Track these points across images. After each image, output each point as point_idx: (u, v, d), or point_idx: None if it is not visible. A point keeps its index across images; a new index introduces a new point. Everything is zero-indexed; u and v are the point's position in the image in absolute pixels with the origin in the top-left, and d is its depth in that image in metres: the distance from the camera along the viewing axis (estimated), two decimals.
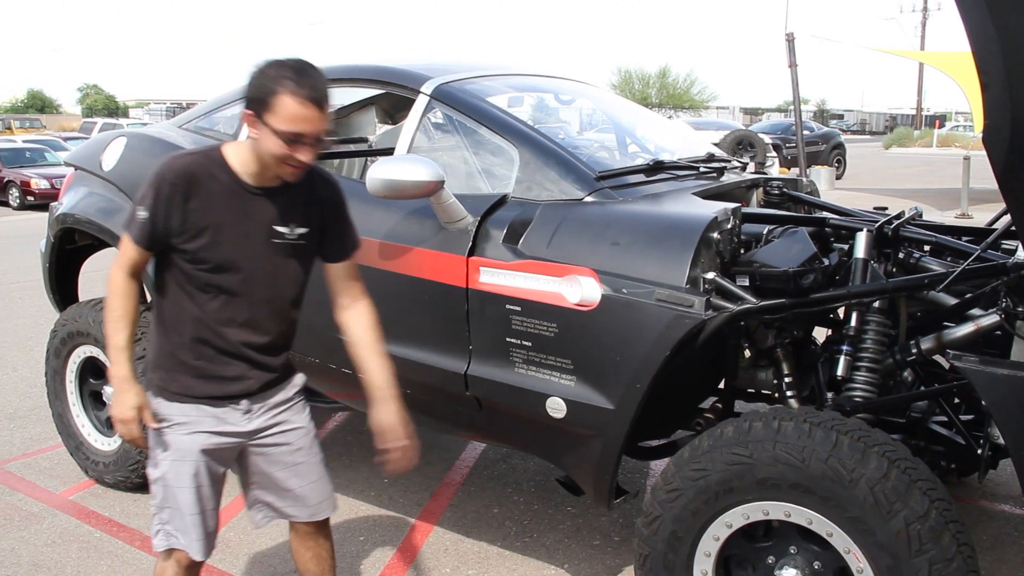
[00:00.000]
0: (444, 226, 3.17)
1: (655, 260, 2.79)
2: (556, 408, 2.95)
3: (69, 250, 4.90)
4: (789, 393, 3.10)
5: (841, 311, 3.15)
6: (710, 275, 2.76)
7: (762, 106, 79.10)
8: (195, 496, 2.48)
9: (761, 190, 3.96)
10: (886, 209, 3.53)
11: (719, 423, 2.72)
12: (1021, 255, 2.74)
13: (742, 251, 2.95)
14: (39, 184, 19.94)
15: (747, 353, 3.18)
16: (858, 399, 2.88)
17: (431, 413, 3.51)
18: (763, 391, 3.54)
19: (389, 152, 3.73)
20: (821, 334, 3.55)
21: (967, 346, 2.78)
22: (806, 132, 22.91)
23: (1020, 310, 2.67)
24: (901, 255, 3.14)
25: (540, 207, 3.10)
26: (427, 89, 3.61)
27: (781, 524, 2.56)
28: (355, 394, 3.77)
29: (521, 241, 3.04)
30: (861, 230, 3.00)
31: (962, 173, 16.25)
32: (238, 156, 2.40)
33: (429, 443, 5.01)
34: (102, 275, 2.45)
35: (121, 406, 2.42)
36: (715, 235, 2.81)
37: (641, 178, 3.38)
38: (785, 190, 3.95)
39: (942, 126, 49.31)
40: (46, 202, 18.79)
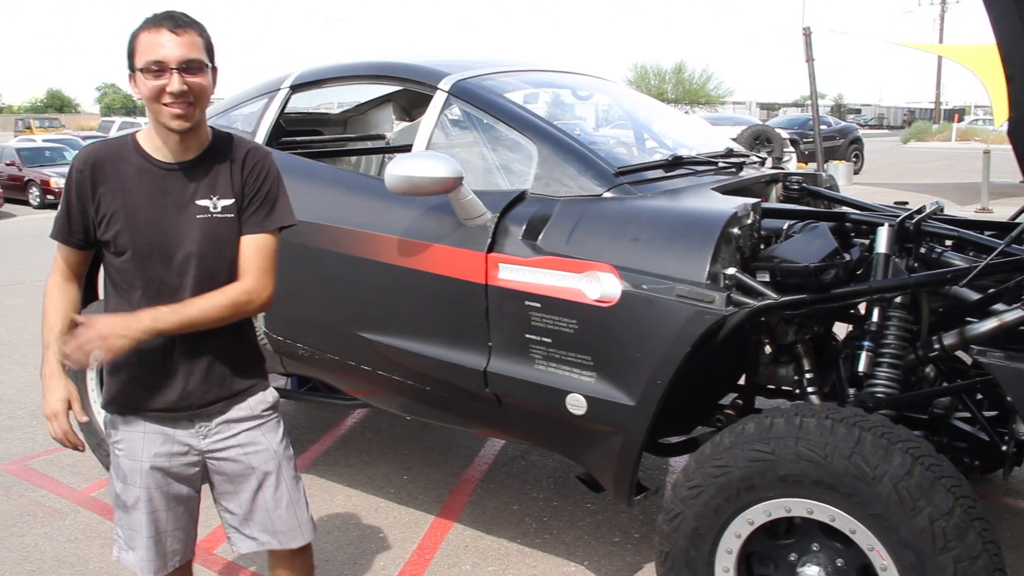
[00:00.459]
0: (463, 222, 3.17)
1: (675, 256, 2.78)
2: (576, 405, 2.94)
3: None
4: (810, 389, 3.09)
5: (862, 307, 3.13)
6: (730, 271, 2.75)
7: (779, 101, 78.85)
8: (149, 519, 2.37)
9: (781, 185, 3.94)
10: (907, 204, 3.50)
11: (740, 419, 2.70)
12: None
13: (762, 246, 2.93)
14: (58, 183, 20.04)
15: (768, 349, 3.16)
16: (880, 395, 2.86)
17: (450, 410, 3.51)
18: (784, 387, 3.52)
19: (407, 149, 3.74)
20: (842, 330, 3.53)
21: (990, 342, 2.75)
22: (823, 127, 22.82)
23: None
24: (923, 250, 3.12)
25: (559, 203, 3.10)
26: (445, 85, 3.61)
27: (803, 521, 2.54)
28: (374, 391, 3.79)
29: (540, 237, 3.03)
30: (882, 225, 2.98)
31: (982, 167, 16.12)
32: (147, 137, 2.28)
33: (448, 440, 5.03)
34: None
35: (48, 401, 2.31)
36: (735, 230, 2.80)
37: (660, 174, 3.38)
38: (805, 185, 3.93)
39: (961, 120, 49.00)
40: None
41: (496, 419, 3.35)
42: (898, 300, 2.90)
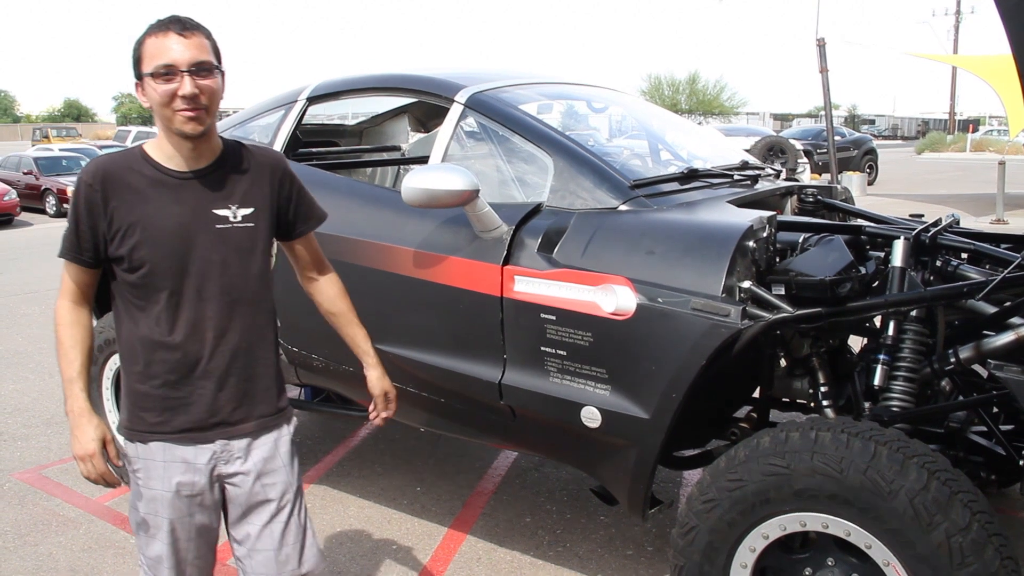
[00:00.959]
0: (479, 235, 3.18)
1: (691, 269, 2.78)
2: (591, 418, 2.94)
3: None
4: (825, 403, 3.08)
5: (878, 320, 3.12)
6: (746, 284, 2.75)
7: (793, 112, 78.70)
8: (171, 549, 2.29)
9: (796, 198, 3.94)
10: (923, 216, 3.50)
11: (755, 433, 2.70)
12: None
13: (778, 260, 2.93)
14: None
15: (783, 362, 3.16)
16: (896, 409, 2.85)
17: (465, 422, 3.52)
18: (799, 401, 3.51)
19: (423, 161, 3.75)
20: (857, 343, 3.52)
21: (1007, 355, 2.74)
22: (837, 138, 22.77)
23: None
24: (939, 263, 3.11)
25: (575, 216, 3.10)
26: (461, 98, 3.62)
27: (819, 536, 2.53)
28: None
29: (556, 250, 3.04)
30: (898, 238, 2.97)
31: (997, 178, 16.05)
32: (156, 146, 2.21)
33: (461, 452, 5.03)
34: None
35: (80, 441, 2.19)
36: (751, 244, 2.80)
37: (675, 186, 3.38)
38: (820, 198, 3.92)
39: (976, 130, 48.85)
40: None
41: (510, 431, 3.35)
42: (914, 313, 2.90)
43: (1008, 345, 2.75)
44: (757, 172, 3.87)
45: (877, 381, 2.91)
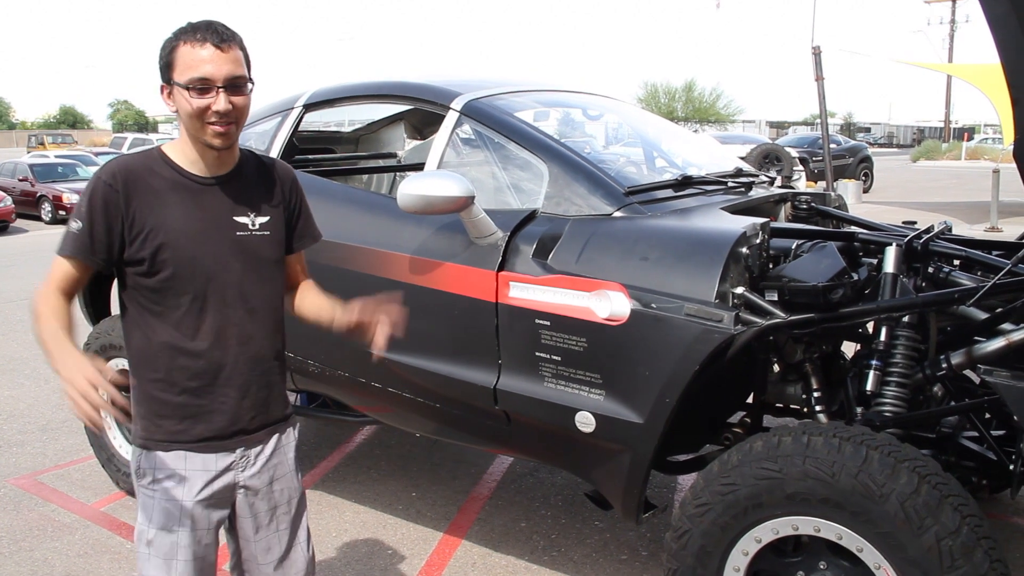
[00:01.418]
0: (474, 241, 3.20)
1: (684, 275, 2.80)
2: (585, 422, 2.96)
3: None
4: (818, 408, 3.10)
5: (870, 326, 3.14)
6: (739, 290, 2.77)
7: (788, 119, 78.84)
8: (190, 567, 2.24)
9: (789, 204, 3.97)
10: (915, 223, 3.52)
11: (748, 438, 2.72)
12: None
13: (771, 266, 2.95)
14: (71, 199, 20.14)
15: (776, 368, 3.18)
16: (888, 414, 2.87)
17: (460, 427, 3.53)
18: (792, 406, 3.53)
19: (419, 167, 3.77)
20: (850, 349, 3.54)
21: (998, 361, 2.76)
22: (833, 145, 22.82)
23: None
24: (931, 269, 3.13)
25: (569, 222, 3.12)
26: (457, 105, 3.64)
27: (811, 539, 2.56)
28: (384, 407, 3.81)
29: (551, 256, 3.06)
30: (890, 244, 3.00)
31: (991, 186, 16.10)
32: (178, 149, 2.18)
33: (457, 457, 5.04)
34: None
35: (70, 373, 1.88)
36: (744, 250, 2.82)
37: (669, 193, 3.40)
38: (813, 204, 3.95)
39: (971, 139, 48.90)
40: None
41: (505, 436, 3.36)
42: (906, 319, 2.91)
43: (999, 351, 2.77)
44: (751, 179, 3.89)
45: (869, 386, 2.93)
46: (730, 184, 3.72)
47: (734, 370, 3.16)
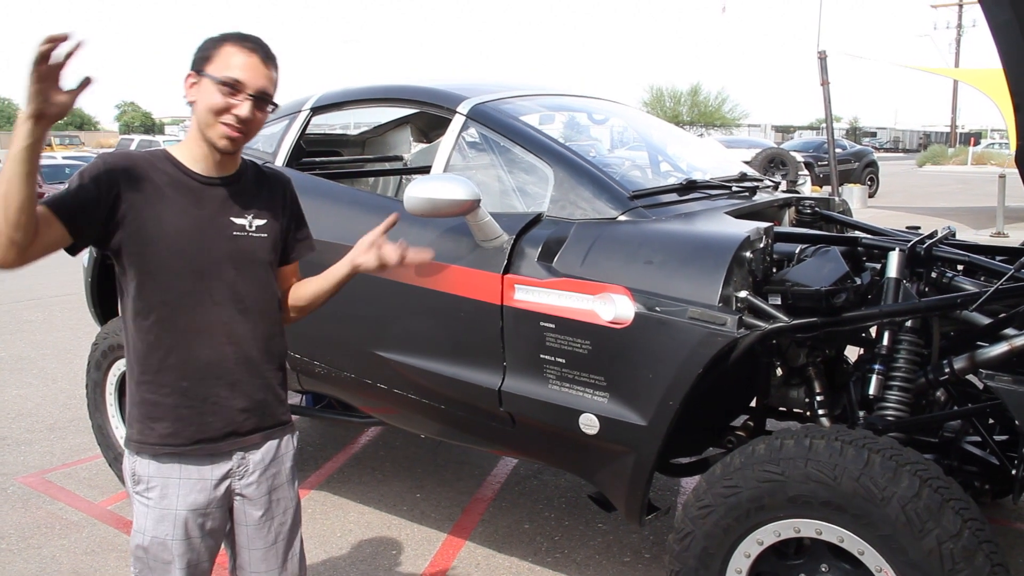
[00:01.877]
0: (480, 244, 3.22)
1: (688, 279, 2.82)
2: (589, 424, 2.97)
3: (110, 265, 4.99)
4: (821, 412, 3.11)
5: (874, 330, 3.16)
6: (742, 294, 2.78)
7: (794, 124, 78.79)
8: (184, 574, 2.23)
9: (793, 209, 3.98)
10: (919, 228, 3.54)
11: (751, 441, 2.73)
12: None
13: (774, 270, 2.97)
14: None
15: (779, 371, 3.19)
16: (890, 418, 2.88)
17: (465, 429, 3.55)
18: (795, 410, 3.54)
19: (425, 170, 3.79)
20: (854, 353, 3.55)
21: (1001, 366, 2.78)
22: (838, 150, 22.80)
23: None
24: (934, 274, 3.14)
25: (574, 226, 3.14)
26: (463, 109, 3.67)
27: (812, 542, 2.57)
28: (388, 409, 3.83)
29: (555, 259, 3.08)
30: (893, 249, 3.01)
31: (997, 191, 16.09)
32: (183, 148, 2.22)
33: (461, 459, 5.06)
34: None
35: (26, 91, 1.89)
36: (747, 254, 2.83)
37: (674, 197, 3.42)
38: (817, 209, 3.96)
39: (977, 143, 48.83)
40: None
41: (510, 438, 3.38)
42: (909, 324, 2.93)
43: (1001, 356, 2.78)
44: (755, 184, 3.91)
45: (872, 390, 2.94)
46: (734, 189, 3.73)
47: (737, 373, 3.18)
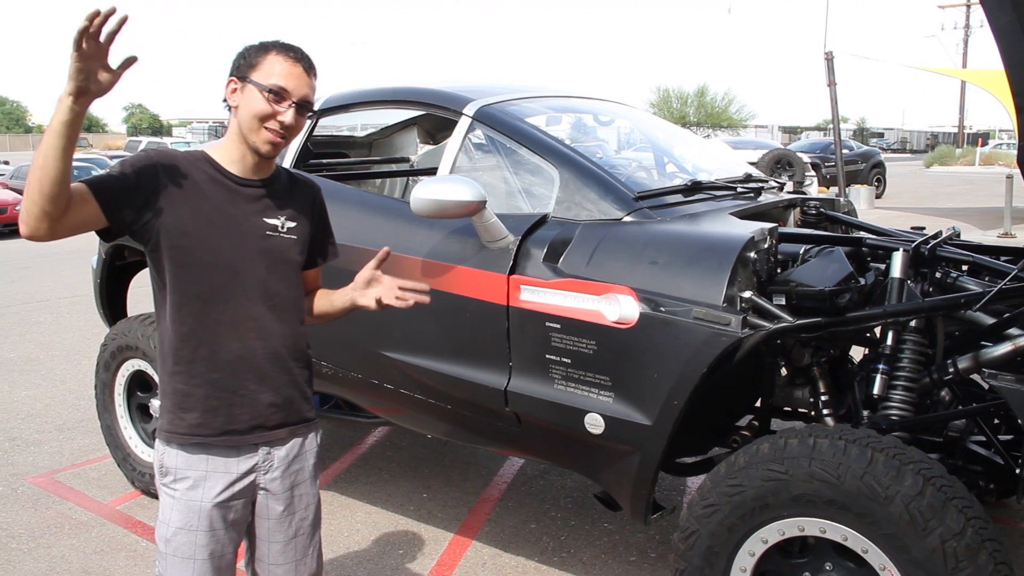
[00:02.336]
0: (486, 245, 3.24)
1: (692, 279, 2.83)
2: (594, 424, 2.99)
3: (119, 266, 5.03)
4: (825, 411, 3.13)
5: (878, 330, 3.17)
6: (747, 294, 2.80)
7: (801, 125, 78.64)
8: (208, 566, 2.27)
9: (798, 210, 3.99)
10: (923, 229, 3.55)
11: (755, 440, 2.75)
12: None
13: (779, 270, 2.98)
14: None
15: (783, 371, 3.20)
16: (894, 417, 2.89)
17: (471, 429, 3.57)
18: (799, 409, 3.55)
19: (431, 172, 3.81)
20: (859, 353, 3.56)
21: (1005, 365, 2.79)
22: (845, 151, 22.78)
23: None
24: (938, 275, 3.16)
25: (580, 227, 3.16)
26: (469, 111, 3.69)
27: (816, 540, 2.58)
28: (395, 409, 3.85)
29: (561, 260, 3.09)
30: (897, 250, 3.03)
31: (1005, 192, 16.06)
32: (221, 150, 2.30)
33: (467, 459, 5.08)
34: (150, 291, 2.39)
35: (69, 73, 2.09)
36: (752, 254, 2.85)
37: (679, 198, 3.43)
38: (822, 210, 3.98)
39: (985, 144, 48.69)
40: None
41: (516, 438, 3.40)
42: (913, 324, 2.94)
43: (1005, 355, 2.79)
44: (760, 185, 3.92)
45: (876, 390, 2.96)
46: (739, 189, 3.75)
47: (742, 373, 3.20)
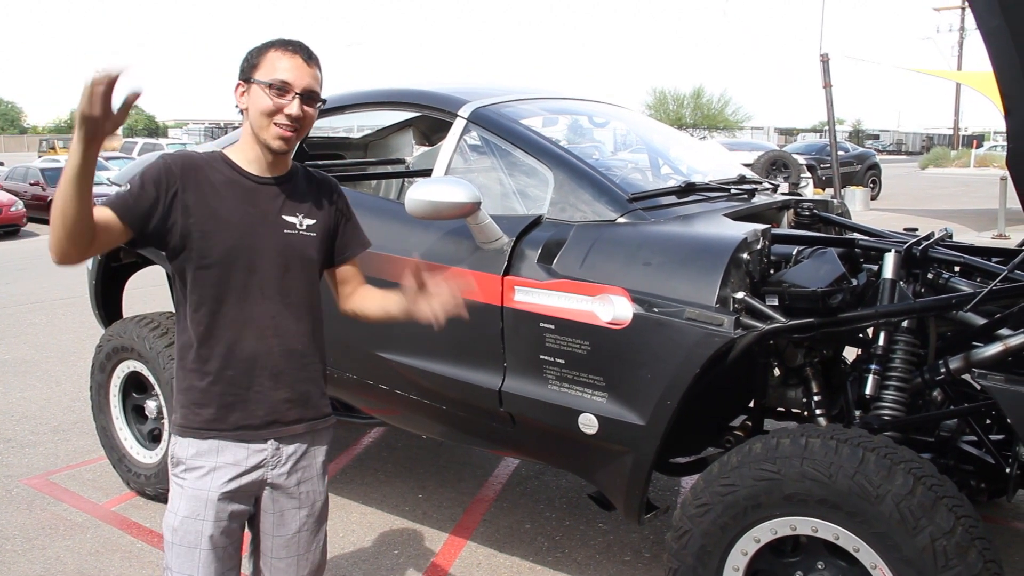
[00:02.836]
0: (480, 246, 3.25)
1: (686, 280, 2.85)
2: (588, 424, 3.01)
3: (115, 268, 5.03)
4: (818, 411, 3.14)
5: (870, 331, 3.19)
6: (740, 295, 2.81)
7: (797, 126, 78.72)
8: (211, 556, 2.29)
9: (792, 211, 4.01)
10: (916, 230, 3.57)
11: (748, 440, 2.76)
12: None
13: (772, 271, 3.00)
14: None
15: (776, 372, 3.22)
16: (886, 417, 2.91)
17: (466, 429, 3.58)
18: (792, 409, 3.57)
19: (427, 173, 3.82)
20: (852, 354, 3.58)
21: (995, 365, 2.80)
22: (841, 152, 22.81)
23: None
24: (930, 275, 3.17)
25: (574, 228, 3.18)
26: (464, 112, 3.70)
27: (808, 539, 2.60)
28: (391, 409, 3.86)
29: (555, 261, 3.11)
30: (889, 251, 3.04)
31: (999, 194, 16.10)
32: (237, 150, 2.33)
33: (462, 459, 5.09)
34: (146, 292, 2.41)
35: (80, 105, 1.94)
36: (745, 255, 2.87)
37: (673, 199, 3.45)
38: (816, 211, 3.99)
39: (980, 146, 48.71)
40: None
41: (510, 438, 3.41)
42: (905, 324, 2.96)
43: (996, 355, 2.81)
44: (754, 186, 3.94)
45: (868, 390, 2.97)
46: (733, 191, 3.76)
47: (735, 374, 3.21)
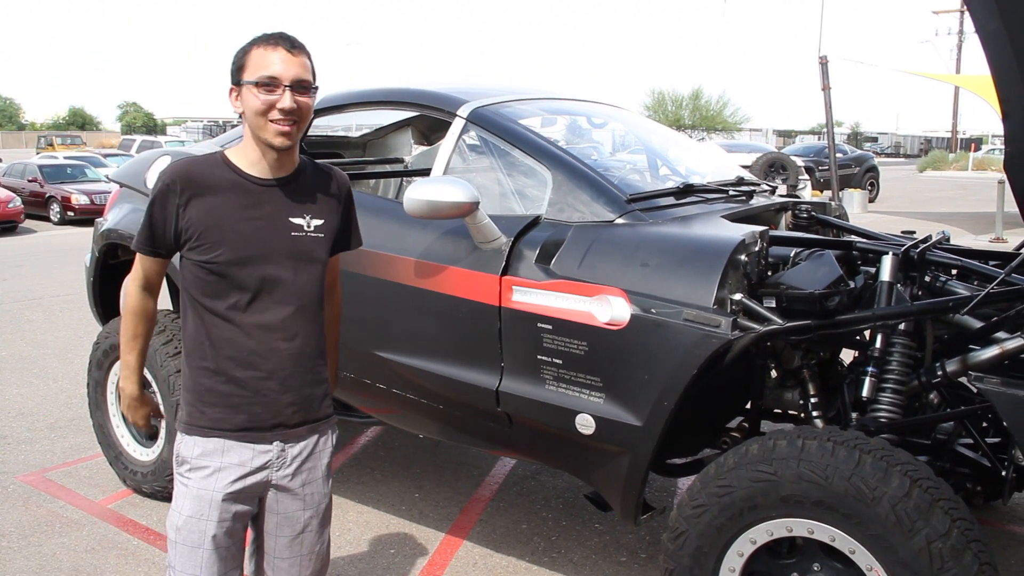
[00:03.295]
0: (478, 246, 3.25)
1: (683, 281, 2.85)
2: (585, 425, 3.01)
3: (112, 265, 5.03)
4: (815, 413, 3.15)
5: (868, 333, 3.19)
6: (737, 296, 2.82)
7: (795, 128, 78.78)
8: (214, 556, 2.31)
9: (790, 213, 4.01)
10: (914, 233, 3.57)
11: (745, 441, 2.77)
12: None
13: (769, 273, 3.00)
14: (79, 200, 20.31)
15: (773, 373, 3.22)
16: (883, 420, 2.91)
17: (463, 429, 3.58)
18: (789, 411, 3.57)
19: (425, 173, 3.82)
20: (849, 356, 3.58)
21: (992, 369, 2.81)
22: (839, 155, 22.83)
23: None
24: (927, 278, 3.18)
25: (572, 228, 3.18)
26: (463, 112, 3.70)
27: (804, 541, 2.60)
28: (388, 409, 3.86)
29: (553, 261, 3.11)
30: (887, 253, 3.05)
31: (997, 197, 16.11)
32: (239, 152, 2.30)
33: (459, 459, 5.09)
34: None
35: (129, 405, 2.54)
36: (743, 257, 2.87)
37: (671, 201, 3.45)
38: (814, 213, 3.99)
39: (978, 149, 48.76)
40: (86, 217, 19.18)
41: (507, 438, 3.41)
42: (902, 327, 2.96)
43: (993, 359, 2.82)
44: (752, 188, 3.94)
45: (865, 392, 2.97)
46: (731, 192, 3.76)
47: (733, 375, 3.21)
